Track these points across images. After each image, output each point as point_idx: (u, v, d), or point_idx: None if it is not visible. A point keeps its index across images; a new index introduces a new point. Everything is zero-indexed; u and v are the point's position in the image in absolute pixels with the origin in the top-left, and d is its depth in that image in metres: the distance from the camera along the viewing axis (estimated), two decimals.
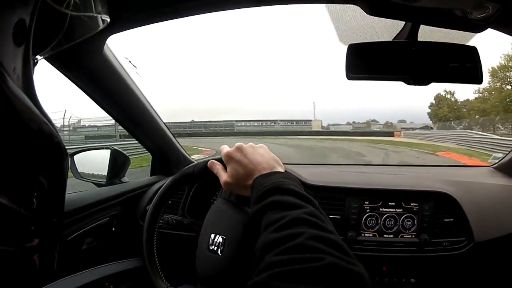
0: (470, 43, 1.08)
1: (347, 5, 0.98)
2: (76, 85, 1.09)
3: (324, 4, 1.00)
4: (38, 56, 0.49)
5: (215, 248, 0.82)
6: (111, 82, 1.15)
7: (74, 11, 0.48)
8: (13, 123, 0.33)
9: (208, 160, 0.92)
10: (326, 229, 0.55)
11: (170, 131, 1.54)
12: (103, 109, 1.21)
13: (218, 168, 0.85)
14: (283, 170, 0.76)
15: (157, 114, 1.41)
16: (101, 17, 0.56)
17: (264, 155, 0.79)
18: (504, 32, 1.11)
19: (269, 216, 0.61)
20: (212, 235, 0.84)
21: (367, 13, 0.93)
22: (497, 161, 1.81)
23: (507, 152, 1.75)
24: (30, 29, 0.39)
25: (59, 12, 0.45)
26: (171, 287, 0.95)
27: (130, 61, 1.16)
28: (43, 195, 0.37)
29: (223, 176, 0.81)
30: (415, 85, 0.99)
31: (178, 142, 1.61)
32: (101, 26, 0.58)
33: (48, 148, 0.38)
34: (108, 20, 0.58)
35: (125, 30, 1.02)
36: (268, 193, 0.65)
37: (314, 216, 0.58)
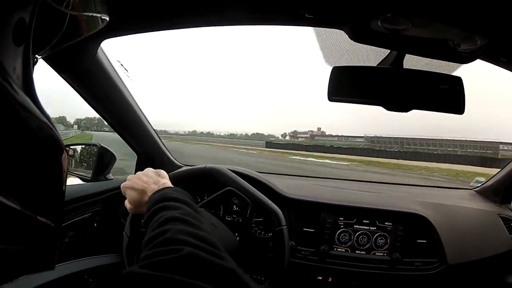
0: (457, 71, 1.06)
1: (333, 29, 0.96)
2: (70, 85, 1.11)
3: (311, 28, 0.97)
4: (37, 56, 0.48)
5: None
6: (103, 84, 1.16)
7: (74, 11, 0.47)
8: (13, 122, 0.33)
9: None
10: (196, 226, 0.58)
11: (156, 133, 1.54)
12: (93, 108, 1.22)
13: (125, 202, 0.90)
14: (170, 184, 0.85)
15: (145, 117, 1.42)
16: (100, 16, 0.55)
17: (149, 174, 0.88)
18: (493, 63, 1.08)
19: (151, 220, 0.65)
20: None
21: (351, 39, 0.92)
22: (479, 184, 1.78)
23: (490, 177, 1.72)
24: (30, 28, 0.39)
25: (59, 12, 0.44)
26: None
27: (122, 65, 1.16)
28: (43, 194, 0.37)
29: (126, 205, 0.89)
30: (394, 111, 0.98)
31: (164, 144, 1.61)
32: (101, 25, 0.57)
33: (48, 147, 0.38)
34: (108, 19, 0.56)
35: (119, 36, 1.03)
36: (155, 203, 0.71)
37: (188, 215, 0.62)
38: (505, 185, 1.63)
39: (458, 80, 0.96)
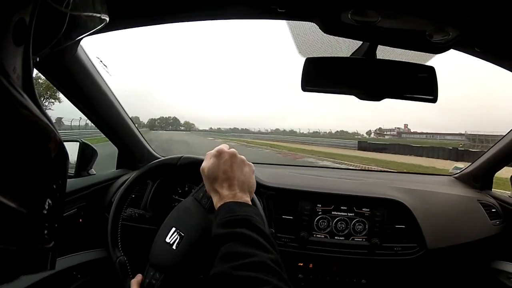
0: (430, 61, 1.06)
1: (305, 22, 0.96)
2: (49, 81, 1.10)
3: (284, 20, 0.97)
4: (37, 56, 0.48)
5: (172, 242, 0.84)
6: (84, 81, 1.15)
7: (73, 11, 0.46)
8: (13, 122, 0.33)
9: (195, 159, 0.97)
10: (287, 282, 0.55)
11: (136, 127, 1.55)
12: (73, 104, 1.23)
13: (209, 154, 0.82)
14: (250, 202, 0.74)
15: (125, 111, 1.42)
16: (100, 16, 0.55)
17: (246, 176, 0.79)
18: (466, 53, 1.08)
19: (234, 247, 0.60)
20: (173, 229, 0.87)
21: (323, 32, 0.92)
22: (458, 171, 1.79)
23: (470, 163, 1.73)
24: (30, 28, 0.39)
25: (59, 12, 0.44)
26: (124, 257, 0.98)
27: (101, 61, 1.16)
28: (43, 194, 0.37)
29: (205, 163, 0.80)
30: (367, 100, 0.99)
31: (144, 138, 1.62)
32: (101, 25, 0.56)
33: (48, 146, 0.38)
34: (108, 19, 0.56)
35: (102, 32, 1.02)
36: (238, 223, 0.64)
37: (278, 264, 0.58)
38: (484, 171, 1.64)
39: (431, 70, 0.96)
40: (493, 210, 1.51)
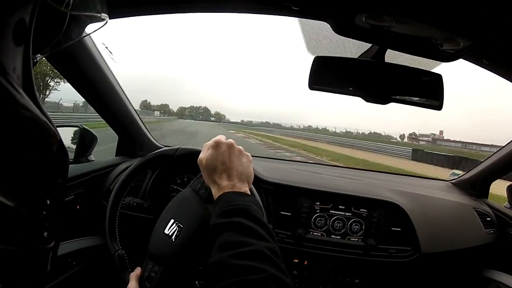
0: (437, 69, 1.06)
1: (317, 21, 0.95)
2: (53, 66, 1.09)
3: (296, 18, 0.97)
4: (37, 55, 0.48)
5: (171, 233, 0.84)
6: (88, 66, 1.14)
7: (73, 11, 0.46)
8: (13, 122, 0.33)
9: (192, 150, 0.96)
10: (283, 271, 0.55)
11: (138, 115, 1.54)
12: (76, 90, 1.21)
13: (206, 145, 0.81)
14: (249, 192, 0.74)
15: (128, 99, 1.41)
16: (100, 16, 0.54)
17: (244, 166, 0.79)
18: (475, 64, 1.08)
19: (231, 236, 0.60)
20: (171, 221, 0.87)
21: (335, 32, 0.91)
22: (456, 177, 1.80)
23: (468, 170, 1.73)
24: (30, 28, 0.39)
25: (59, 12, 0.44)
26: (122, 251, 0.96)
27: (106, 47, 1.14)
28: (42, 193, 0.37)
29: (202, 154, 0.80)
30: (373, 102, 0.99)
31: (146, 127, 1.61)
32: (100, 25, 0.56)
33: (48, 146, 0.38)
34: (108, 19, 0.55)
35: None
36: (235, 212, 0.64)
37: (275, 253, 0.58)
38: (482, 179, 1.65)
39: (439, 77, 0.96)
40: (487, 218, 1.52)
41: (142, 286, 0.84)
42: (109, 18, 1.00)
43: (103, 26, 0.55)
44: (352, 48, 1.02)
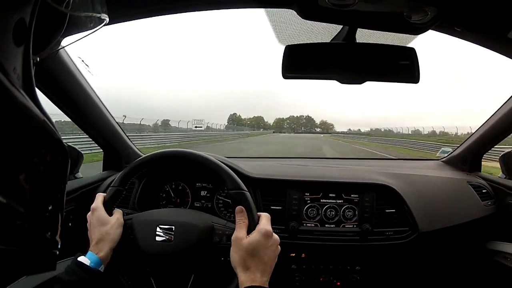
0: (412, 43, 1.03)
1: (284, 9, 0.92)
2: None
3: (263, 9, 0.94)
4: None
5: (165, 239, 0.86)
6: (66, 81, 1.10)
7: (73, 11, 0.45)
8: (14, 122, 0.31)
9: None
10: None
11: (120, 126, 1.49)
12: (57, 106, 1.16)
13: (243, 218, 0.81)
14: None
15: (108, 111, 1.37)
16: (100, 16, 0.52)
17: (271, 258, 0.77)
18: (446, 33, 1.05)
19: None
20: (158, 228, 0.87)
21: (301, 18, 0.88)
22: (445, 155, 1.76)
23: (457, 146, 1.69)
24: (30, 29, 0.38)
25: (59, 12, 0.43)
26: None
27: (83, 60, 1.11)
28: (43, 193, 0.36)
29: (241, 232, 0.78)
30: (348, 83, 0.96)
31: (128, 138, 1.56)
32: (100, 25, 0.54)
33: (48, 145, 0.36)
34: (107, 19, 0.53)
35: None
36: None
37: None
38: (472, 153, 1.61)
39: (412, 51, 0.94)
40: (483, 191, 1.48)
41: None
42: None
43: (102, 26, 0.54)
44: (323, 33, 1.00)
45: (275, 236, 0.79)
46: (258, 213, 0.82)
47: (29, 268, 0.35)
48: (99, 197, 0.94)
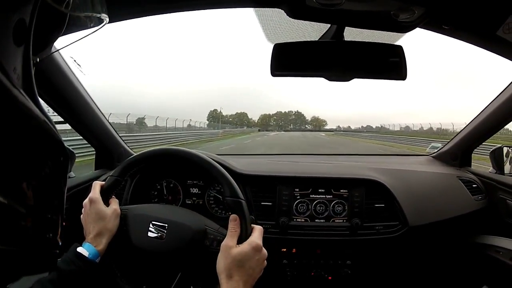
0: (400, 41, 1.03)
1: (273, 8, 0.92)
2: None
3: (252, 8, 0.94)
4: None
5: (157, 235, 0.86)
6: (58, 81, 1.10)
7: (73, 11, 0.45)
8: (14, 122, 0.32)
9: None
10: None
11: (112, 126, 1.49)
12: (49, 106, 1.16)
13: (236, 227, 0.80)
14: None
15: (100, 110, 1.36)
16: (100, 16, 0.52)
17: (256, 272, 0.78)
18: (434, 31, 1.05)
19: None
20: (151, 224, 0.88)
21: (290, 17, 0.89)
22: (435, 150, 1.76)
23: (446, 143, 1.70)
24: (30, 29, 0.38)
25: (59, 12, 0.43)
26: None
27: (75, 60, 1.11)
28: (44, 193, 0.36)
29: (232, 241, 0.77)
30: (336, 81, 0.98)
31: (120, 136, 1.55)
32: (100, 25, 0.54)
33: (48, 146, 0.37)
34: (107, 19, 0.53)
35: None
36: None
37: None
38: (462, 149, 1.62)
39: (399, 49, 0.95)
40: (474, 185, 1.50)
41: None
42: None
43: (102, 26, 0.54)
44: (312, 32, 1.01)
45: (264, 251, 0.79)
46: (252, 225, 0.82)
47: (30, 268, 0.36)
48: (97, 185, 0.94)
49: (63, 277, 0.73)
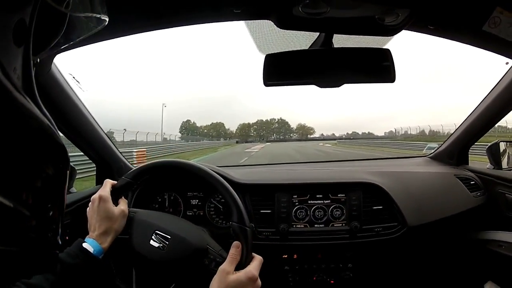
0: (388, 44, 1.05)
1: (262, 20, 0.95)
2: None
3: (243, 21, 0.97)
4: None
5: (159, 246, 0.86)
6: (58, 98, 1.12)
7: (73, 11, 0.45)
8: (14, 122, 0.32)
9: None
10: None
11: (111, 140, 1.50)
12: None
13: (237, 254, 0.80)
14: None
15: (99, 125, 1.37)
16: (100, 17, 0.51)
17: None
18: (420, 32, 1.07)
19: None
20: (154, 234, 0.88)
21: (279, 28, 0.91)
22: (432, 151, 1.77)
23: (442, 143, 1.70)
24: (30, 29, 0.37)
25: (59, 12, 0.42)
26: None
27: (74, 77, 1.13)
28: (44, 194, 0.36)
29: (230, 267, 0.77)
30: (327, 87, 1.00)
31: (119, 150, 1.56)
32: (100, 26, 0.54)
33: (49, 146, 0.37)
34: (107, 20, 0.53)
35: (72, 48, 1.00)
36: None
37: None
38: (458, 147, 1.62)
39: (387, 52, 0.96)
40: (472, 182, 1.50)
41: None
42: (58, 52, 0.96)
43: (102, 26, 0.53)
44: (302, 41, 1.03)
45: (259, 282, 0.78)
46: (253, 254, 0.82)
47: (31, 268, 0.37)
48: (108, 183, 0.95)
49: (65, 270, 0.73)
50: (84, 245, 0.80)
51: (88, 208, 0.92)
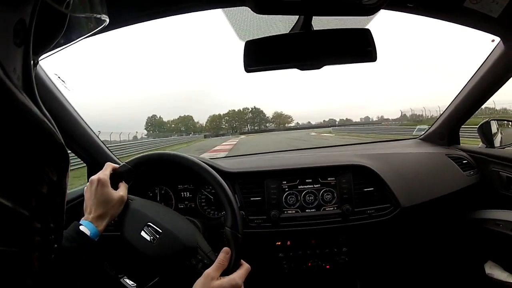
0: (369, 25, 1.05)
1: (240, 7, 0.94)
2: None
3: (220, 9, 0.96)
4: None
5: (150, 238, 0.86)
6: (45, 98, 1.09)
7: (73, 12, 0.45)
8: (14, 122, 0.31)
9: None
10: None
11: (99, 138, 1.48)
12: None
13: (225, 260, 0.80)
14: None
15: (86, 124, 1.36)
16: (100, 17, 0.51)
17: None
18: (399, 11, 1.07)
19: None
20: (146, 227, 0.87)
21: (256, 13, 0.91)
22: (422, 132, 1.76)
23: (432, 124, 1.70)
24: (30, 29, 0.37)
25: (59, 12, 0.42)
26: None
27: (59, 77, 1.12)
28: (44, 194, 0.36)
29: (216, 273, 0.77)
30: (308, 69, 0.99)
31: (108, 148, 1.53)
32: (100, 26, 0.54)
33: (49, 147, 0.36)
34: (108, 20, 0.53)
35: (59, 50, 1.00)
36: None
37: None
38: (449, 127, 1.62)
39: (367, 32, 0.96)
40: (464, 161, 1.49)
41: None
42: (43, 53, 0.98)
43: (103, 27, 0.53)
44: (281, 25, 1.03)
45: None
46: (242, 261, 0.82)
47: (30, 269, 0.35)
48: (109, 167, 0.94)
49: (63, 253, 0.72)
50: (81, 228, 0.80)
51: (85, 188, 0.91)
